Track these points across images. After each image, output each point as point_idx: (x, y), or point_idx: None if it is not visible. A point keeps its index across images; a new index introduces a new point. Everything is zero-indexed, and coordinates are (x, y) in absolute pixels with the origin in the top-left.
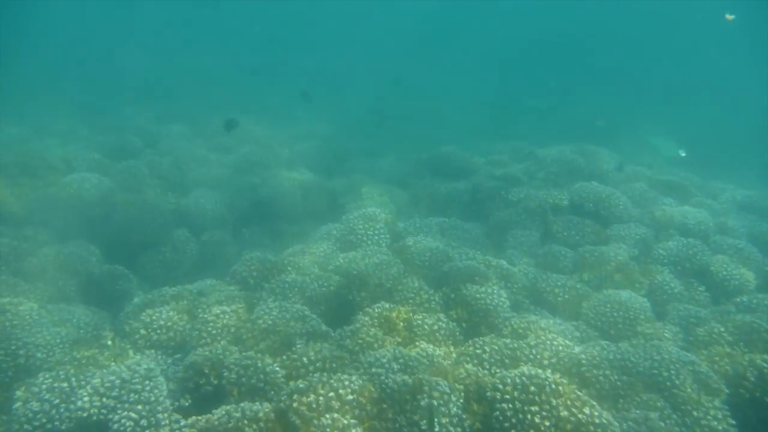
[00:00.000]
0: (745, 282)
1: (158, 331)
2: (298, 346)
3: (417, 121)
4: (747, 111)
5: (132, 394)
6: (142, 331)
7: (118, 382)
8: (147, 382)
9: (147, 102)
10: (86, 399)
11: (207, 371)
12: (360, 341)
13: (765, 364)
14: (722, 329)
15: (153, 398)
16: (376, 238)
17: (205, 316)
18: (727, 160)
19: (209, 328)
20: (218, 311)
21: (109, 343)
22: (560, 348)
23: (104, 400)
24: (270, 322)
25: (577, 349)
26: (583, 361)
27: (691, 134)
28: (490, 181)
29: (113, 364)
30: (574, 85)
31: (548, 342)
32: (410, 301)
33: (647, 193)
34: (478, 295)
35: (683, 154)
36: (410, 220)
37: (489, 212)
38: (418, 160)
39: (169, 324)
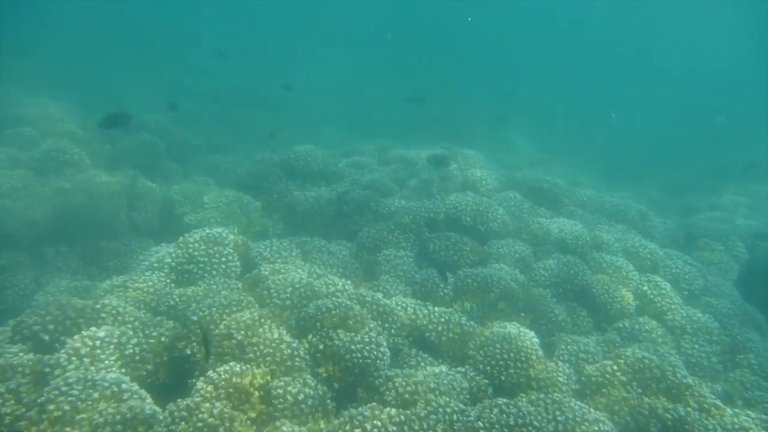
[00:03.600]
0: (626, 305)
1: None
2: None
3: (275, 111)
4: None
5: None
6: None
7: None
8: None
9: None
10: None
11: None
12: (199, 424)
13: (668, 415)
14: (615, 368)
15: None
16: (223, 267)
17: None
18: (578, 160)
19: None
20: None
21: None
22: (455, 417)
23: None
24: (67, 407)
25: (473, 415)
26: None
27: (546, 132)
28: (356, 190)
29: None
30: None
31: (440, 410)
32: (268, 358)
33: (522, 204)
34: (353, 347)
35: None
36: (265, 240)
37: (357, 228)
38: (272, 161)
39: None
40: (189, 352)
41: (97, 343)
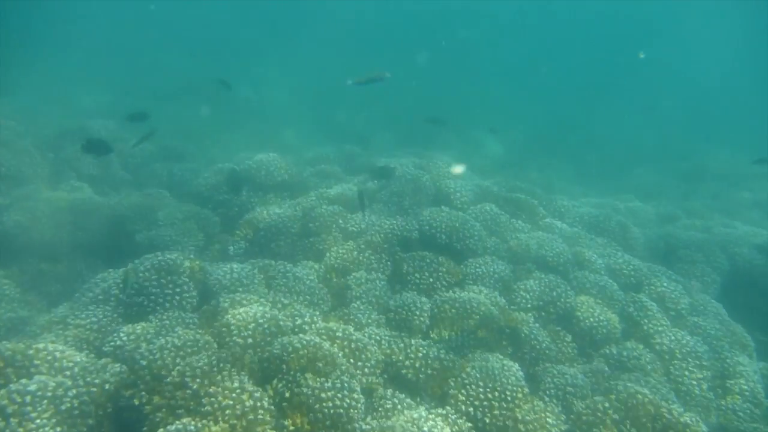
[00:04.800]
0: (612, 329)
1: None
2: None
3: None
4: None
5: None
6: None
7: None
8: None
9: None
10: None
11: None
12: None
13: None
14: (606, 405)
15: None
16: (177, 299)
17: None
18: (548, 161)
19: None
20: None
21: None
22: None
23: None
24: None
25: None
26: None
27: (512, 133)
28: (323, 205)
29: None
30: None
31: None
32: (227, 411)
33: (499, 217)
34: (323, 395)
35: None
36: (225, 264)
37: (325, 247)
38: (231, 173)
39: None
40: (137, 402)
41: (27, 399)
